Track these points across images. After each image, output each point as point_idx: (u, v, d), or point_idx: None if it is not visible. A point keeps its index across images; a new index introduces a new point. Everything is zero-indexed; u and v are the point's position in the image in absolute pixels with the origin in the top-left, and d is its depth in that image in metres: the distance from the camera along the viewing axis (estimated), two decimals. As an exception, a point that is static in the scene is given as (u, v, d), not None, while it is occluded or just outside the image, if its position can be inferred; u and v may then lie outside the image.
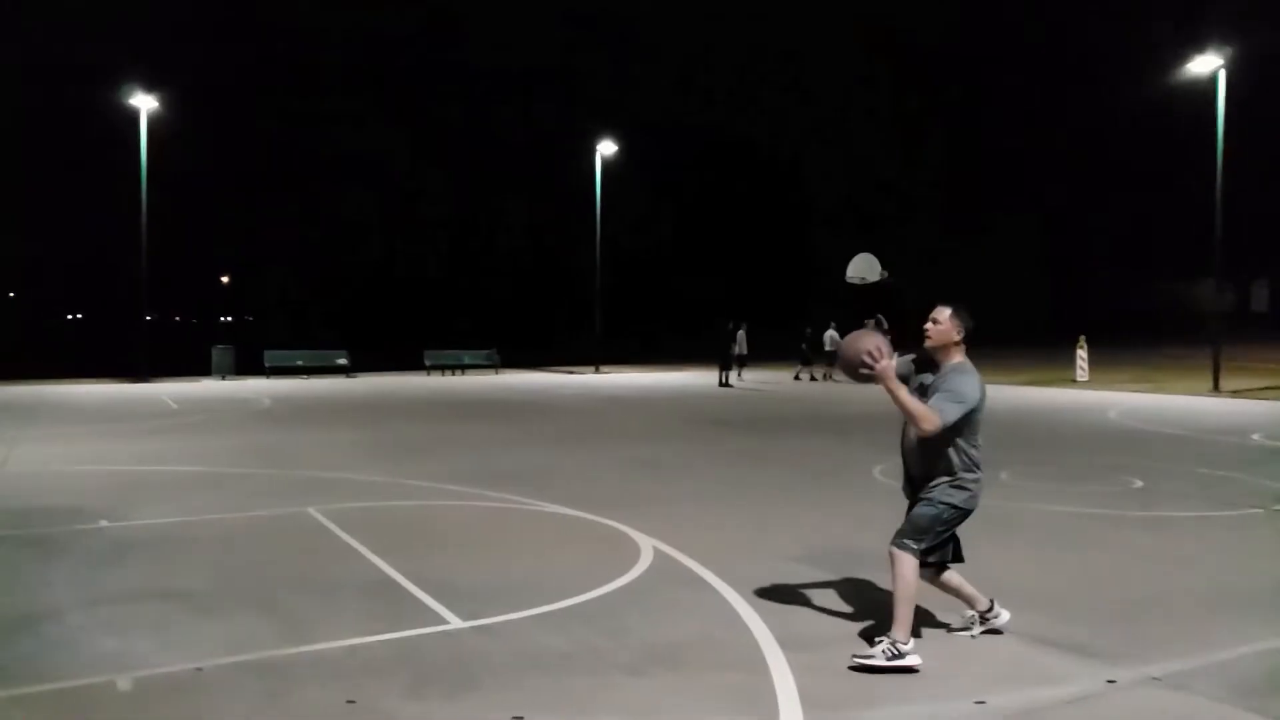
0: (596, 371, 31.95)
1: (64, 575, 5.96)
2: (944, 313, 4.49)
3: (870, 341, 4.37)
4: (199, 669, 4.35)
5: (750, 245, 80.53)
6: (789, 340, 29.24)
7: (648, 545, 6.79)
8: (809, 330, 27.52)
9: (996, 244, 77.70)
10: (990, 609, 4.75)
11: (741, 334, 26.97)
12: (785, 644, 4.69)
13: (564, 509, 8.18)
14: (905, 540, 4.43)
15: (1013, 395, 21.40)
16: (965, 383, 4.36)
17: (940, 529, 4.43)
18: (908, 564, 4.39)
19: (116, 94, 26.89)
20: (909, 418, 4.34)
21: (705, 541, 6.93)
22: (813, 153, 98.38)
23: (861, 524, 7.44)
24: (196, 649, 4.61)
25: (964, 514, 4.48)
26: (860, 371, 4.38)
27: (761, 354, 29.55)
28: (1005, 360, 30.00)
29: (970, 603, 4.76)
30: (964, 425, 4.36)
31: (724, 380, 25.13)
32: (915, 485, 4.54)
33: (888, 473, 10.10)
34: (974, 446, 4.44)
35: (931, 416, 4.25)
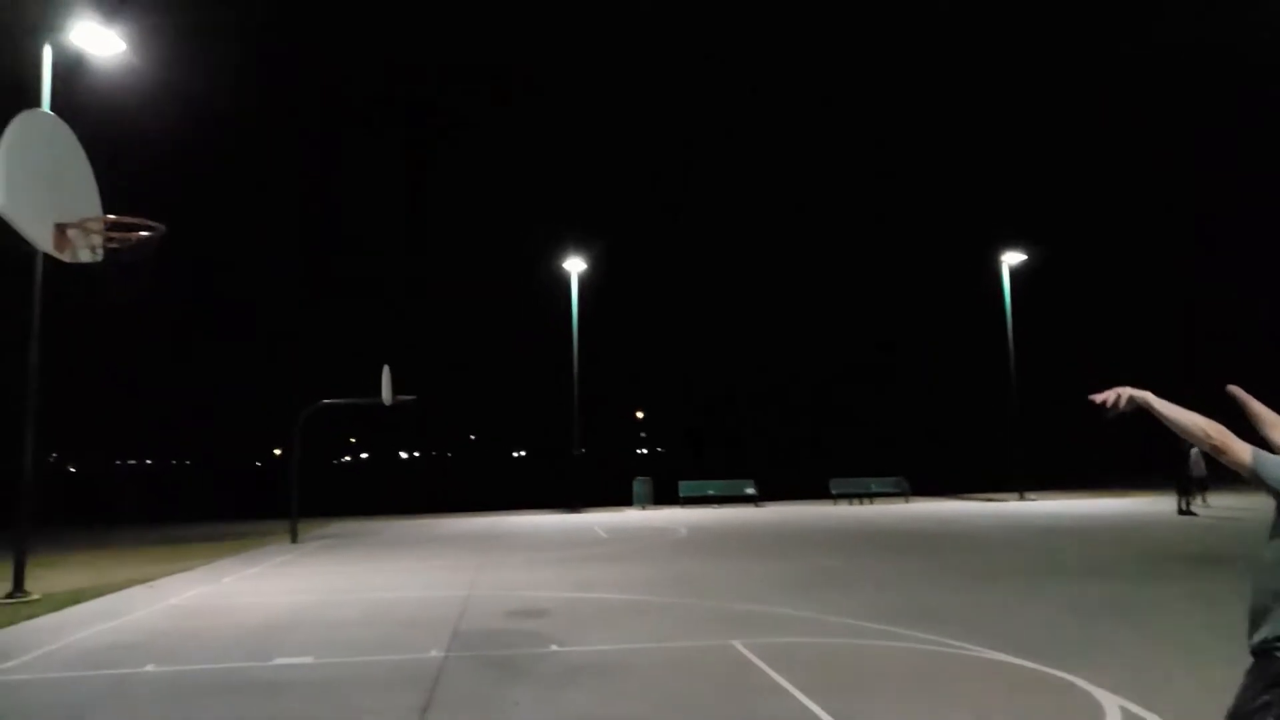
0: (1020, 499, 29.41)
1: (527, 694, 6.51)
2: None
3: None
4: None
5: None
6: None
7: (1111, 703, 5.85)
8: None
9: None
10: None
11: (1196, 452, 23.33)
12: None
13: (1002, 655, 7.38)
14: None
15: None
16: None
17: None
18: None
19: (553, 260, 31.22)
20: (1186, 432, 3.20)
21: (1185, 700, 5.81)
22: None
23: None
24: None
25: None
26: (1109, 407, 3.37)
27: (1228, 475, 25.27)
28: None
29: None
30: None
31: (1184, 507, 21.77)
32: (1251, 622, 3.14)
33: None
34: None
35: (1219, 430, 3.12)
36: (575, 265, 30.82)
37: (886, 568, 13.49)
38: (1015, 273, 32.59)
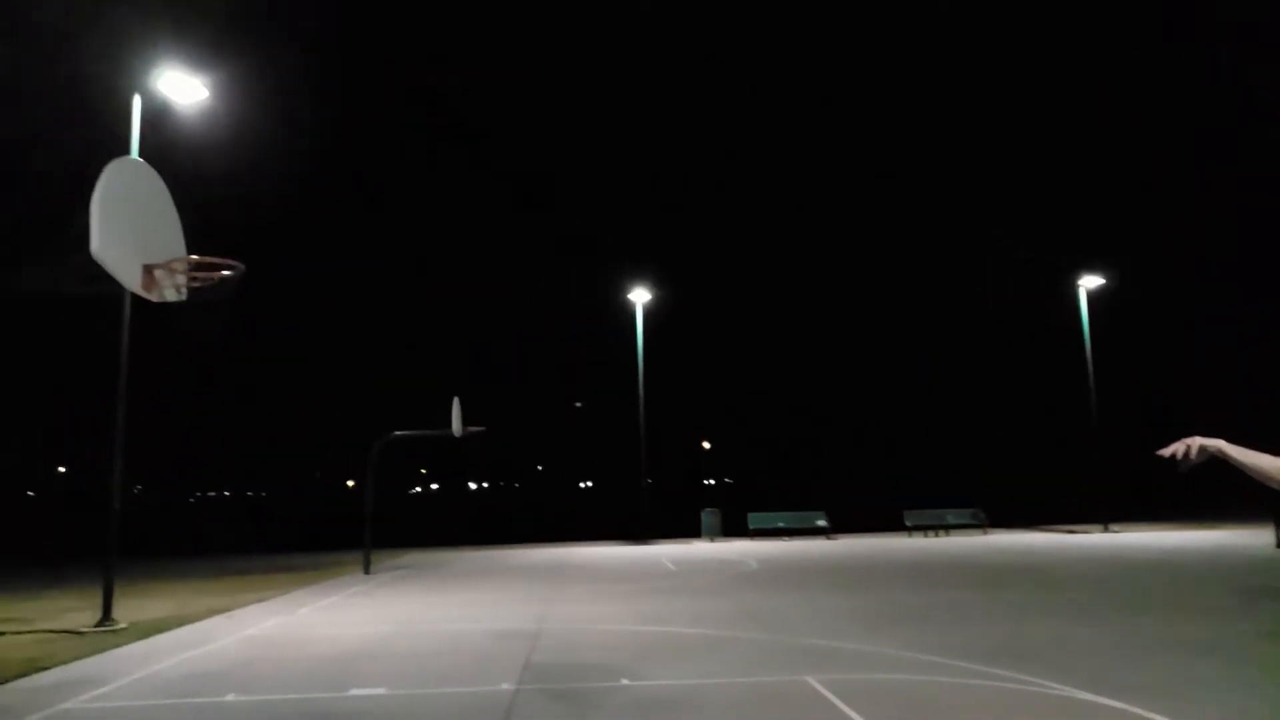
0: (1104, 530, 28.35)
1: (596, 731, 6.42)
2: None
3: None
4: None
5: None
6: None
7: (1216, 751, 5.52)
8: None
9: None
10: None
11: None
12: None
13: (1091, 695, 7.06)
14: None
15: None
16: None
17: None
18: None
19: (620, 290, 31.42)
20: (1266, 476, 2.92)
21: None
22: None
23: None
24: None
25: None
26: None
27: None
28: None
29: None
30: None
31: (1282, 541, 20.74)
32: None
33: None
34: None
35: None
36: (640, 296, 30.90)
37: (967, 603, 13.07)
38: (1093, 292, 31.73)
